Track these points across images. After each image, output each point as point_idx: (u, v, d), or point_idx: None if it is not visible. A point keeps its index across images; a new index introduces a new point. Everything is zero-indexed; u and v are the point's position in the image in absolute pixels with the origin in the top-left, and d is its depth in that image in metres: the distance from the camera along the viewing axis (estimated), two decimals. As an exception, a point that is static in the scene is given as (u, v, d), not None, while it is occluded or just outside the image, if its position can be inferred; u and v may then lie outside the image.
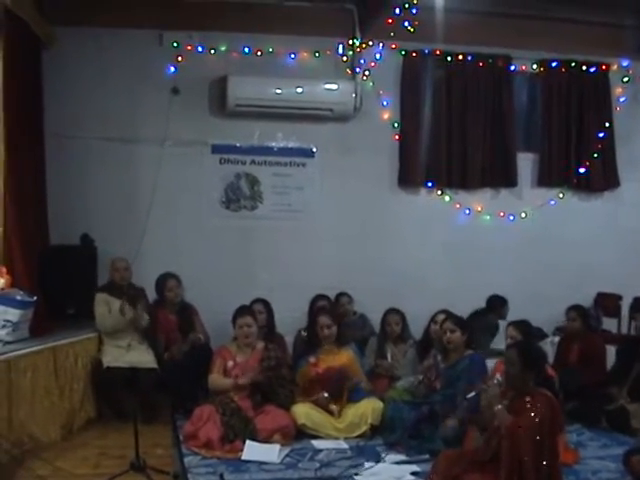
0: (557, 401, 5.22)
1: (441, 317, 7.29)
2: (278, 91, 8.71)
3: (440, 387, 6.82)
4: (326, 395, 7.06)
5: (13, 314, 6.60)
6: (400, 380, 7.42)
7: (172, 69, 8.72)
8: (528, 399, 5.06)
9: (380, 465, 6.10)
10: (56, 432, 6.62)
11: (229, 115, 8.89)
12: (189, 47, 8.72)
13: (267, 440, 6.55)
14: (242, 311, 7.41)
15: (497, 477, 4.86)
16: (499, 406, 5.02)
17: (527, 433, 4.85)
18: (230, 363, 7.15)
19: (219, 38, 8.79)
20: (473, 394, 5.30)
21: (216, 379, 7.08)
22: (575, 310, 8.06)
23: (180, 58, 8.71)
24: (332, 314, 7.57)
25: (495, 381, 5.14)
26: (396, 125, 9.30)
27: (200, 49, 8.75)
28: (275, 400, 6.98)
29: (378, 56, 9.17)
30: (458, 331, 6.89)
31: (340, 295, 8.70)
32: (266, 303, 8.12)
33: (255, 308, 7.87)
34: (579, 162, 9.64)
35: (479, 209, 9.49)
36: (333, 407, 7.04)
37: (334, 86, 8.87)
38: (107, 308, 7.56)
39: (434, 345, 7.27)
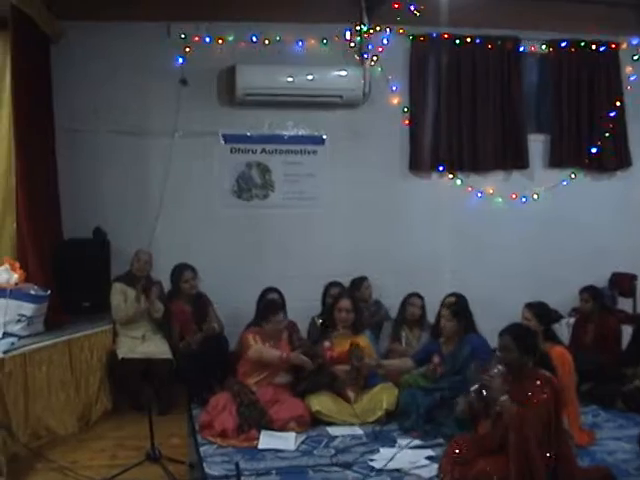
0: (556, 378, 5.23)
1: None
2: (287, 79, 8.66)
3: (445, 372, 6.82)
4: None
5: (27, 308, 6.65)
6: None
7: (180, 60, 8.70)
8: (528, 383, 5.08)
9: (395, 450, 6.12)
10: (73, 425, 6.67)
11: (239, 104, 8.87)
12: (197, 38, 8.72)
13: (282, 429, 6.59)
14: (277, 308, 7.44)
15: (508, 461, 4.87)
16: (503, 397, 5.04)
17: (533, 423, 4.88)
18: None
19: (226, 28, 8.77)
20: (476, 387, 5.31)
21: (262, 349, 7.08)
22: (587, 291, 8.06)
23: (188, 49, 8.70)
24: (353, 300, 7.58)
25: (496, 371, 5.15)
26: (405, 110, 9.24)
27: (207, 39, 8.74)
28: (314, 388, 7.03)
29: (386, 41, 9.12)
30: (454, 320, 6.92)
31: (361, 279, 8.63)
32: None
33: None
34: (591, 142, 9.54)
35: (491, 192, 9.44)
36: (350, 393, 7.07)
37: (343, 73, 8.81)
38: (123, 298, 7.63)
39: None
